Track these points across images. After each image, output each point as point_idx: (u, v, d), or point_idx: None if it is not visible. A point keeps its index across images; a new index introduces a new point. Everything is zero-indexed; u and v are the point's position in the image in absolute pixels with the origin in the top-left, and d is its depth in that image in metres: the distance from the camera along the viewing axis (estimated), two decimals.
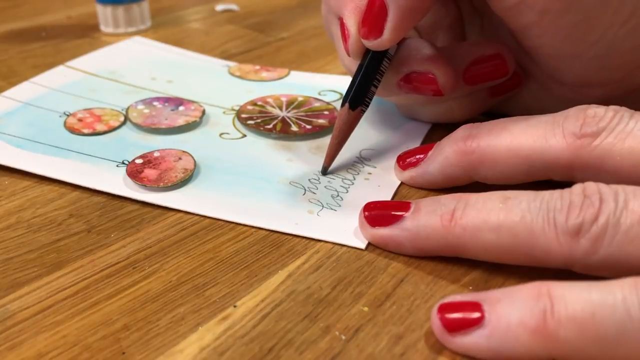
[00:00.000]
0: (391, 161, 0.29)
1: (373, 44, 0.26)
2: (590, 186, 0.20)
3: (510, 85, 0.30)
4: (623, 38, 0.25)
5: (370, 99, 0.28)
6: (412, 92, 0.28)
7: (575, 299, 0.17)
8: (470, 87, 0.29)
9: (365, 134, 0.32)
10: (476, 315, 0.18)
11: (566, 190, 0.20)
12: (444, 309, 0.19)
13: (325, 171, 0.28)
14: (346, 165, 0.29)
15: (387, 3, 0.25)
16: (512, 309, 0.18)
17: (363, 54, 0.27)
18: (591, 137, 0.22)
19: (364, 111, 0.28)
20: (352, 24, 0.26)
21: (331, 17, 0.29)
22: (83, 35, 0.48)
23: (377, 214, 0.23)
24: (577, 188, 0.20)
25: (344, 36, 0.27)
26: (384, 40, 0.26)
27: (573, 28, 0.25)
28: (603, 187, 0.19)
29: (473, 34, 0.33)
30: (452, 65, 0.27)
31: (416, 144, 0.31)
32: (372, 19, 0.25)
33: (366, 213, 0.23)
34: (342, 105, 0.28)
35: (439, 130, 0.32)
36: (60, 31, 0.49)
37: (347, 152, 0.30)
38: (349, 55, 0.28)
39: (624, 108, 0.22)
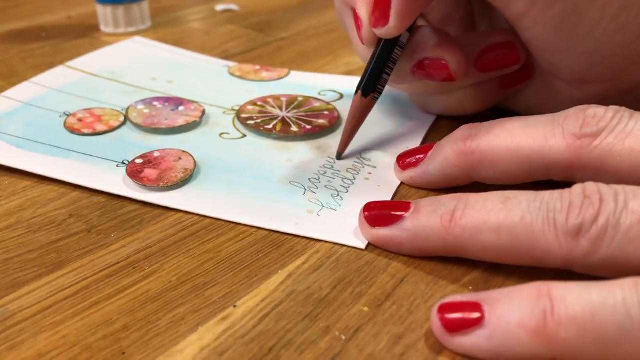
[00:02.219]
0: (391, 161, 0.29)
1: (382, 32, 0.27)
2: (590, 186, 0.20)
3: (520, 77, 0.31)
4: (612, 34, 0.25)
5: (383, 87, 0.29)
6: (425, 79, 0.29)
7: (575, 300, 0.17)
8: (482, 75, 0.30)
9: (366, 133, 0.32)
10: (476, 315, 0.18)
11: (566, 191, 0.20)
12: (444, 309, 0.19)
13: (339, 156, 0.29)
14: (346, 165, 0.29)
15: None
16: (512, 309, 0.18)
17: (376, 43, 0.28)
18: (591, 138, 0.22)
19: (377, 98, 0.29)
20: (364, 13, 0.27)
21: (345, 8, 0.30)
22: (83, 35, 0.48)
23: (377, 214, 0.23)
24: (577, 188, 0.20)
25: (358, 26, 0.28)
26: (391, 27, 0.26)
27: (562, 20, 0.25)
28: (603, 187, 0.19)
29: (483, 28, 0.34)
30: (464, 51, 0.28)
31: (416, 144, 0.31)
32: (380, 7, 0.26)
33: (366, 213, 0.23)
34: (356, 92, 0.29)
35: (439, 131, 0.32)
36: (60, 31, 0.49)
37: (347, 151, 0.30)
38: (363, 44, 0.28)
39: (623, 108, 0.22)
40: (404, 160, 0.27)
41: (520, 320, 0.17)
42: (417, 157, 0.27)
